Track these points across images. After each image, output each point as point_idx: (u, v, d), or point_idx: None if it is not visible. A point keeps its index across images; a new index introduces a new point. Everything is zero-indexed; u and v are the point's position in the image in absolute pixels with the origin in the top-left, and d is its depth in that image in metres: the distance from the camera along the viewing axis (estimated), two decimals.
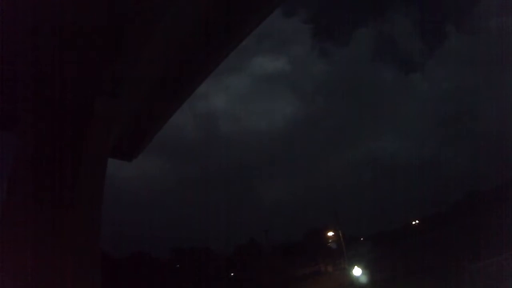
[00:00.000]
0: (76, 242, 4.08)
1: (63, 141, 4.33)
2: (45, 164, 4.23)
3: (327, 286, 39.98)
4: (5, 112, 4.79)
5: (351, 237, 51.11)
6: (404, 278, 27.50)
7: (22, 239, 3.91)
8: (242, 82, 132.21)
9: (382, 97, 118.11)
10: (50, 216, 4.04)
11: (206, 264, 48.00)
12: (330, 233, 44.85)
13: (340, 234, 41.41)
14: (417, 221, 58.78)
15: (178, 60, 5.19)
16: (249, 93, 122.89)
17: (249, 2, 4.75)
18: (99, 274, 4.26)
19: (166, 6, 4.19)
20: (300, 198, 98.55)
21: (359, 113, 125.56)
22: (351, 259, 40.46)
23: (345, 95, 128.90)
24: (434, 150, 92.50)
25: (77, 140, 4.38)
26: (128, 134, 6.54)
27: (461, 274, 21.20)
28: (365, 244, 55.20)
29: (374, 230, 58.95)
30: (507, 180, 32.15)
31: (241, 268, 50.80)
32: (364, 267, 33.99)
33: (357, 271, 33.77)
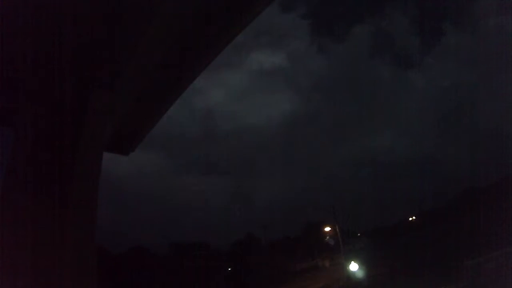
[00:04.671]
0: (72, 237, 4.05)
1: (60, 134, 4.29)
2: (41, 158, 4.21)
3: (324, 280, 40.21)
4: (1, 107, 4.77)
5: (348, 232, 51.33)
6: (401, 274, 27.61)
7: (18, 235, 3.89)
8: (240, 77, 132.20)
9: (380, 93, 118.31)
10: (46, 211, 4.01)
11: (204, 259, 48.20)
12: (328, 229, 44.95)
13: (337, 230, 41.50)
14: (414, 217, 59.06)
15: (174, 53, 5.17)
16: (247, 89, 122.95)
17: None
18: (96, 270, 4.20)
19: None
20: (298, 193, 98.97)
21: (357, 109, 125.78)
22: (348, 254, 40.63)
23: (343, 91, 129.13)
24: (432, 146, 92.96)
25: (73, 133, 4.33)
26: (124, 127, 6.51)
27: (459, 270, 21.29)
28: (362, 239, 55.52)
29: (371, 225, 59.25)
30: (504, 177, 32.29)
31: (239, 263, 51.00)
32: (361, 262, 34.19)
33: (353, 266, 33.99)
